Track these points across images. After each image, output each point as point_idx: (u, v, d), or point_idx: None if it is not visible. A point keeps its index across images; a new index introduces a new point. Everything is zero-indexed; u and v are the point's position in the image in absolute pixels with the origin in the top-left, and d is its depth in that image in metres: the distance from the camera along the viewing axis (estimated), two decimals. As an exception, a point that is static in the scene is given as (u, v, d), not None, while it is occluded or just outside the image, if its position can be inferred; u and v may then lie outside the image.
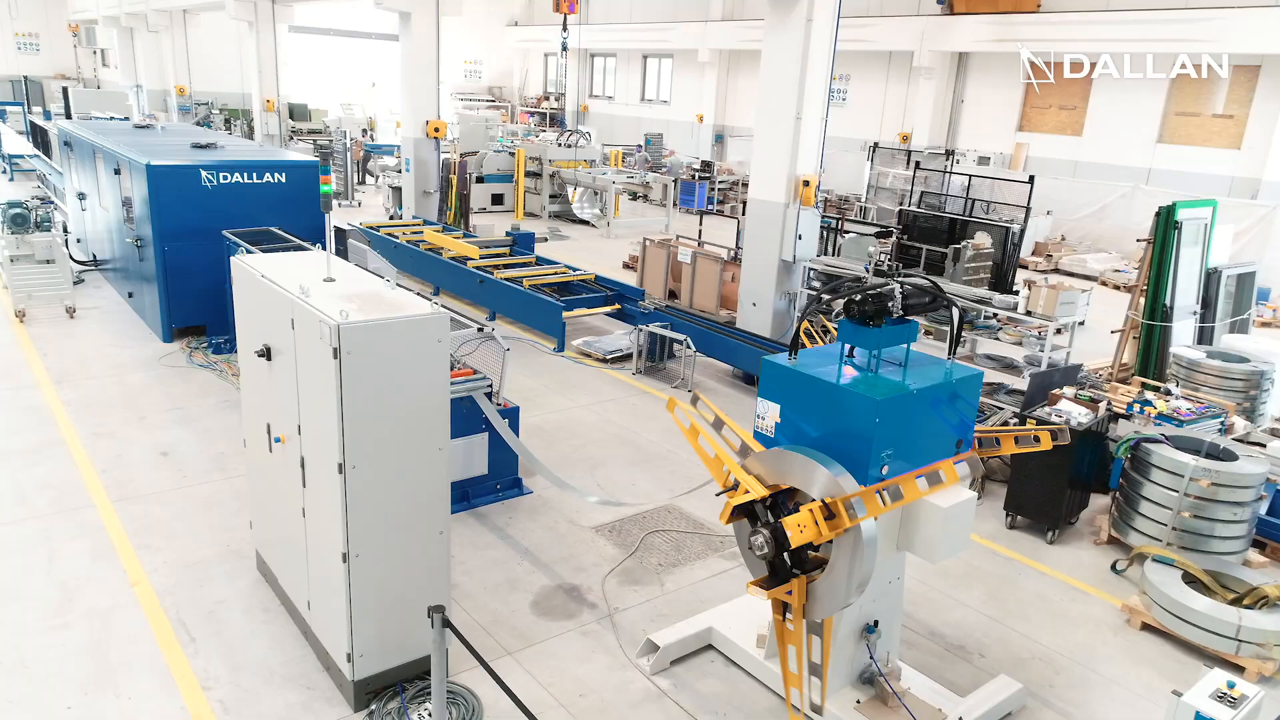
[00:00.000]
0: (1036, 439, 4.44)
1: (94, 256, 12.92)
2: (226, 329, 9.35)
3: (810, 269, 9.60)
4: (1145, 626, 5.65)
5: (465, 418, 6.51)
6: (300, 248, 9.37)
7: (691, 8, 29.98)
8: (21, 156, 20.38)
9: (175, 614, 5.22)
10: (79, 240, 13.55)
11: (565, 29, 17.08)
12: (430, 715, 4.53)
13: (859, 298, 4.24)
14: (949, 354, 4.55)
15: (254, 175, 10.12)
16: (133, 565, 5.70)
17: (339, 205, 20.27)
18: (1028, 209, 14.25)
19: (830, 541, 3.96)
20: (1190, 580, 5.72)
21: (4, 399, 8.19)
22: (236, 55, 30.76)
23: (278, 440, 4.81)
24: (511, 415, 6.80)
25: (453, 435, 6.48)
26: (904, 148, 23.24)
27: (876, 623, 4.60)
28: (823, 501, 3.82)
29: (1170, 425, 6.90)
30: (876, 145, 21.13)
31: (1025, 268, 17.85)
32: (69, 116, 18.53)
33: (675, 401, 4.61)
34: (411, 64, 15.69)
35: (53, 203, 11.84)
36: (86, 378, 8.83)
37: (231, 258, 5.30)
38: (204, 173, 9.80)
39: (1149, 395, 7.32)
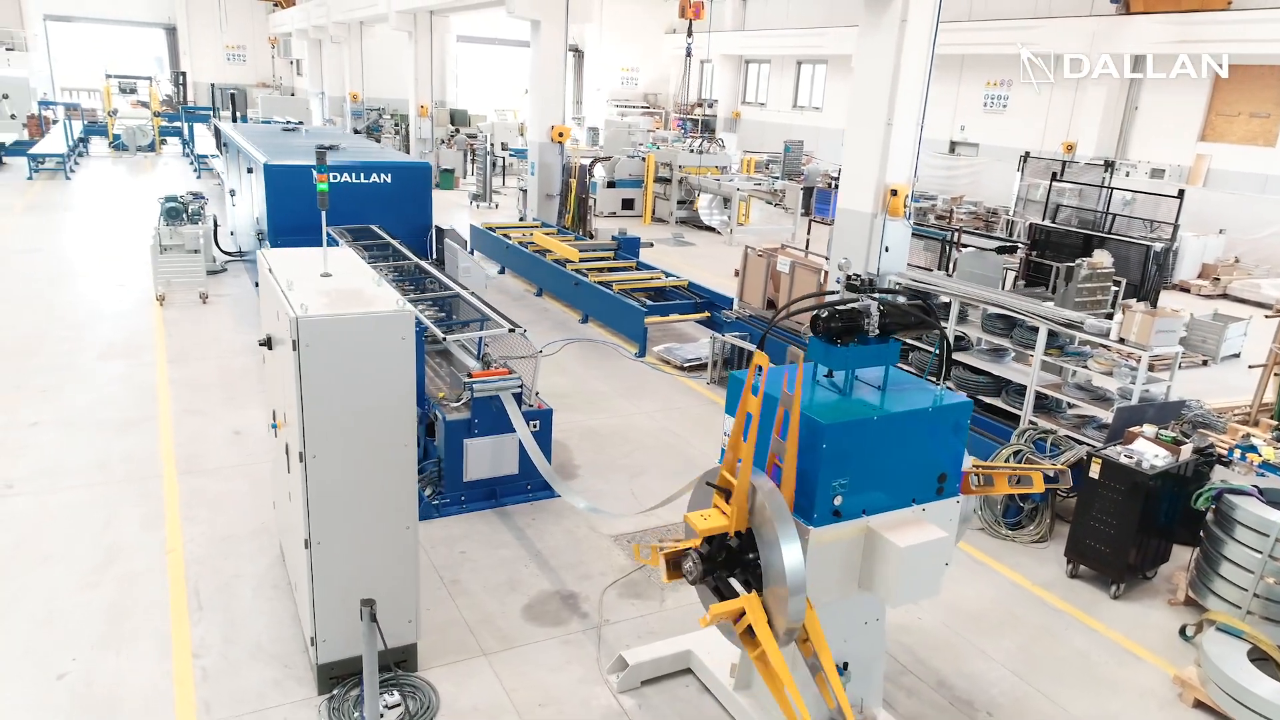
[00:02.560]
0: (1029, 480, 3.98)
1: (239, 248, 14.06)
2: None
3: (897, 283, 9.06)
4: (1198, 704, 4.95)
5: (495, 417, 6.57)
6: (386, 246, 9.81)
7: (848, 12, 29.14)
8: (206, 156, 22.53)
9: (194, 584, 5.57)
10: (231, 233, 14.79)
11: (690, 35, 17.03)
12: (389, 706, 4.60)
13: (825, 313, 3.94)
14: (939, 380, 4.15)
15: (361, 175, 10.69)
16: (174, 534, 6.13)
17: (477, 207, 21.11)
18: (1175, 226, 12.96)
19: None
20: (1261, 657, 4.96)
21: (122, 374, 9.03)
22: (407, 64, 32.67)
23: (274, 426, 5.03)
24: (543, 417, 6.80)
25: (482, 434, 6.64)
26: (1065, 158, 21.62)
27: (846, 665, 4.25)
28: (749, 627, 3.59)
29: (1276, 476, 6.03)
30: (1028, 155, 19.74)
31: (1187, 290, 16.18)
32: (234, 120, 20.31)
33: (764, 359, 3.81)
34: (540, 70, 16.11)
35: (205, 198, 12.96)
36: (197, 359, 9.61)
37: (258, 250, 5.57)
38: (315, 172, 10.42)
39: (1256, 440, 6.42)
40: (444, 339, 6.70)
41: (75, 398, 8.36)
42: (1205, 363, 11.72)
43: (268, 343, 4.97)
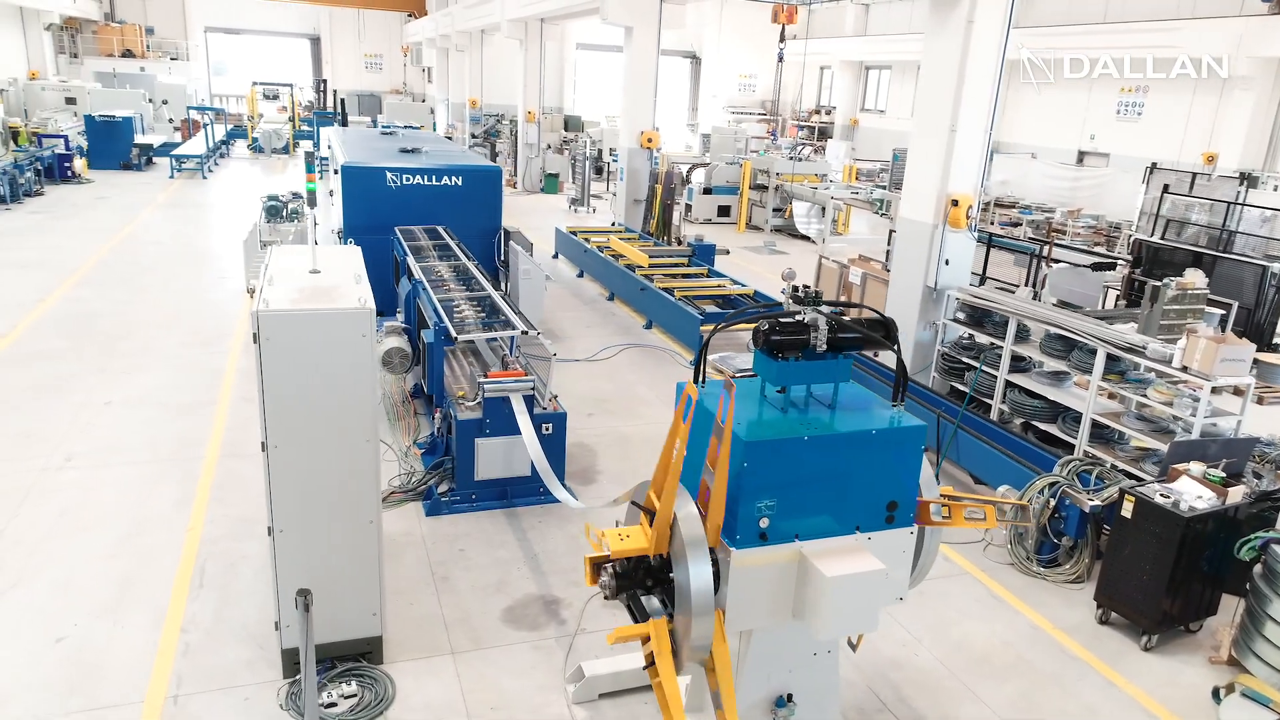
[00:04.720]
0: (983, 515, 3.66)
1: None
2: (392, 313, 10.24)
3: (958, 299, 8.56)
4: (1210, 776, 4.44)
5: (508, 418, 6.59)
6: (448, 246, 10.04)
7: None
8: (327, 159, 23.79)
9: (201, 562, 5.84)
10: (331, 230, 15.52)
11: (783, 39, 16.70)
12: (345, 695, 4.69)
13: (766, 326, 3.75)
14: (894, 401, 3.87)
15: (433, 178, 11.01)
16: (199, 514, 6.45)
17: (575, 211, 21.39)
18: (1299, 245, 11.73)
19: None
20: (1289, 730, 4.40)
21: (197, 361, 9.61)
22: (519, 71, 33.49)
23: (264, 416, 5.21)
24: (557, 420, 6.78)
25: (494, 434, 6.69)
26: (1203, 170, 19.99)
27: (789, 696, 4.04)
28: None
29: (1348, 528, 5.35)
30: (1154, 166, 18.37)
31: (1327, 318, 14.60)
32: (344, 124, 21.31)
33: (693, 390, 3.77)
34: (632, 76, 16.17)
35: (303, 197, 13.68)
36: (269, 349, 10.10)
37: (270, 246, 5.80)
38: (389, 174, 10.82)
39: (1331, 486, 5.72)
40: (456, 338, 6.79)
41: (149, 380, 8.95)
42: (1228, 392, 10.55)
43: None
